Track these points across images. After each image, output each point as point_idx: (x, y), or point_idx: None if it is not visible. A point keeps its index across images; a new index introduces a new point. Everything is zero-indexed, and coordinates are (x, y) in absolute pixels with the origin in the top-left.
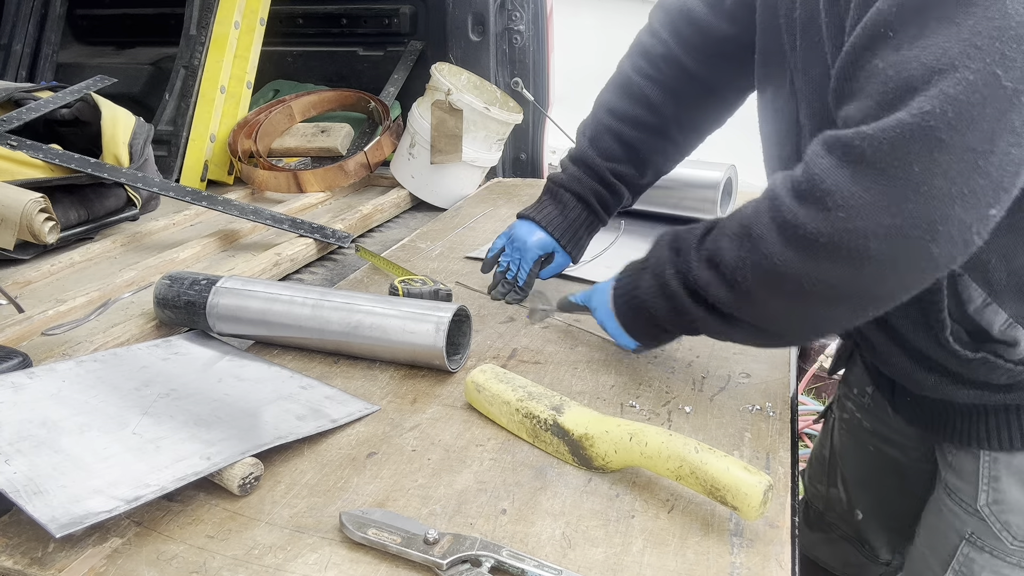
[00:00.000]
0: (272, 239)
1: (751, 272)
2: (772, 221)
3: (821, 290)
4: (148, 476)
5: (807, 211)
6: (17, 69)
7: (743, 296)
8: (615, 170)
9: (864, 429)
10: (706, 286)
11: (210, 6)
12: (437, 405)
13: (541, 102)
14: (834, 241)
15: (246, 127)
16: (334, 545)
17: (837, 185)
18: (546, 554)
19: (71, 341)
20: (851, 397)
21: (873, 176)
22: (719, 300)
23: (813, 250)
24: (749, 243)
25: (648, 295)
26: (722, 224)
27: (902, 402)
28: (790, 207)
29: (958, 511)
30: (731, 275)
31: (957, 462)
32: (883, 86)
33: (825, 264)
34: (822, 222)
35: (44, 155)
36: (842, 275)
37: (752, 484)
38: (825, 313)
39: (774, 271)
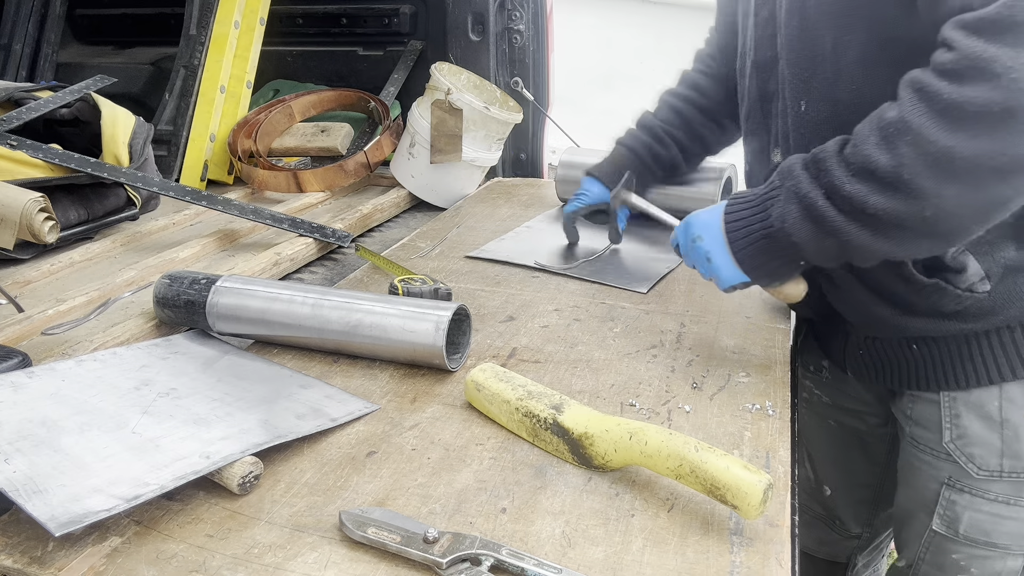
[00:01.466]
0: (272, 239)
1: (920, 166)
2: (931, 109)
3: (1002, 163)
4: (148, 475)
5: (972, 86)
6: (17, 69)
7: (912, 195)
8: (669, 131)
9: (824, 404)
10: (865, 197)
11: (210, 6)
12: (437, 404)
13: (541, 102)
14: (1011, 105)
15: (246, 127)
16: (334, 544)
17: (1000, 51)
18: (546, 553)
19: (71, 340)
20: (808, 375)
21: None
22: (882, 208)
23: (987, 123)
24: (908, 138)
25: (788, 221)
26: (857, 138)
27: (853, 356)
28: (948, 89)
29: (930, 459)
30: (894, 177)
31: (918, 413)
32: None
33: (1002, 133)
34: (992, 90)
35: (44, 155)
36: (1017, 142)
37: (752, 483)
38: (1004, 189)
39: (947, 157)
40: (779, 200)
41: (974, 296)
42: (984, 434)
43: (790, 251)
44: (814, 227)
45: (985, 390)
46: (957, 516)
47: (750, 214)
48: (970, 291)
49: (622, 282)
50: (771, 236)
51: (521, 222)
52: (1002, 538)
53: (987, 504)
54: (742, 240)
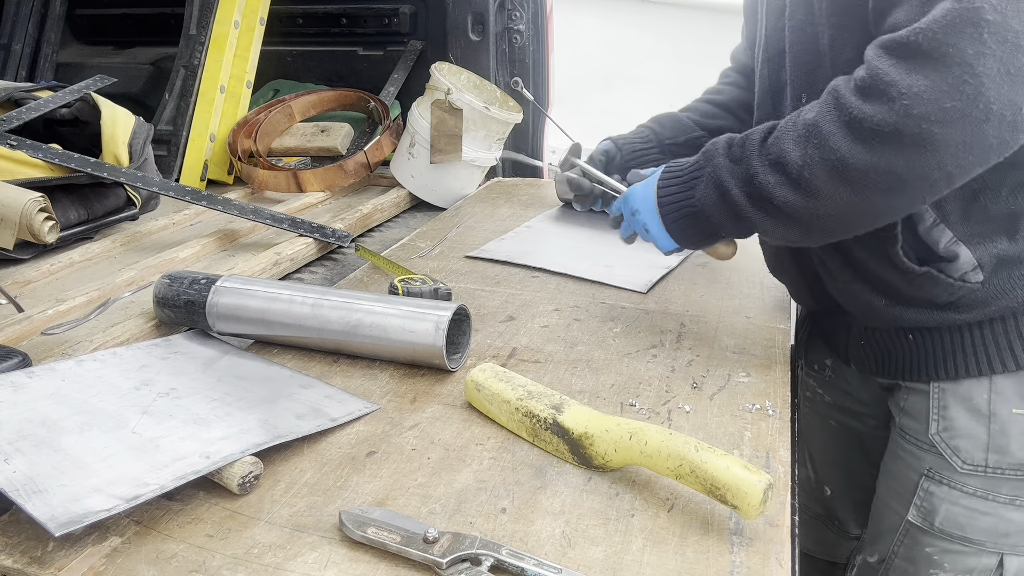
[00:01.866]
0: (272, 238)
1: (820, 169)
2: (838, 119)
3: (886, 180)
4: (147, 475)
5: (872, 105)
6: (17, 69)
7: (810, 194)
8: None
9: (826, 403)
10: (772, 188)
11: (210, 6)
12: (437, 404)
13: (541, 102)
14: (899, 129)
15: (246, 127)
16: (334, 544)
17: (900, 76)
18: (546, 553)
19: (71, 340)
20: (812, 374)
21: (932, 64)
22: (785, 201)
23: (880, 140)
24: (816, 140)
25: (706, 203)
26: (782, 128)
27: (855, 348)
28: (854, 103)
29: (913, 449)
30: (799, 174)
31: (910, 405)
32: None
33: (890, 153)
34: (887, 112)
35: (44, 155)
36: (906, 162)
37: (752, 483)
38: (887, 202)
39: (842, 165)
40: (701, 181)
41: (967, 286)
42: (971, 427)
43: (710, 227)
44: (728, 211)
45: (975, 382)
46: (934, 508)
47: (677, 191)
48: (963, 281)
49: (622, 282)
50: (694, 214)
51: (521, 222)
52: (977, 534)
53: (965, 498)
54: (671, 215)
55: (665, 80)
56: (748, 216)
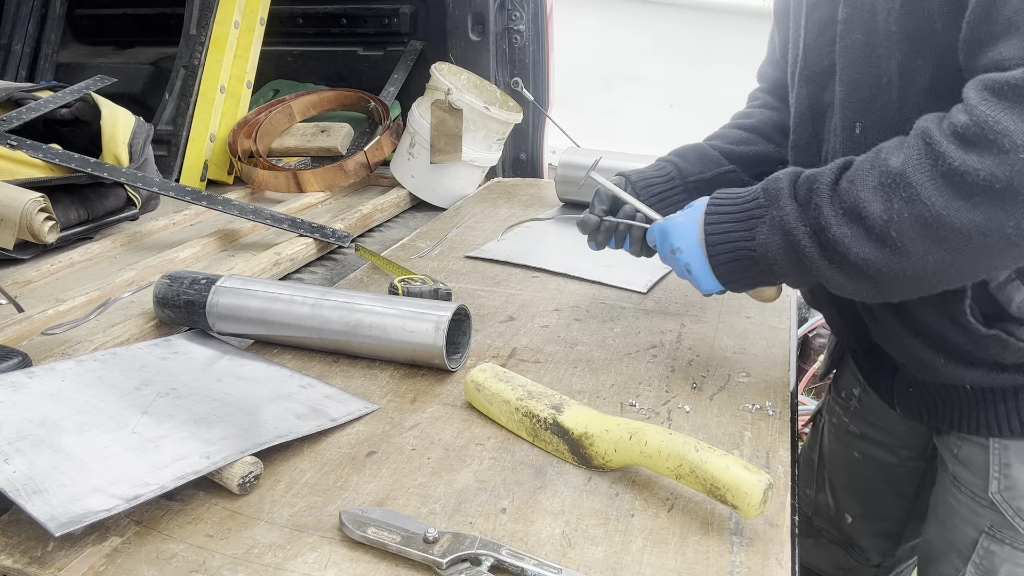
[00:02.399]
0: (272, 239)
1: (910, 226)
2: (934, 170)
3: (992, 239)
4: (148, 475)
5: (979, 156)
6: (17, 69)
7: (895, 252)
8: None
9: (851, 433)
10: (849, 244)
11: (210, 6)
12: (437, 404)
13: (541, 102)
14: (1014, 184)
15: (246, 127)
16: (334, 544)
17: (1014, 124)
18: (546, 553)
19: (71, 341)
20: (839, 401)
21: None
22: (865, 258)
23: (986, 197)
24: (905, 194)
25: (771, 250)
26: (856, 174)
27: (903, 394)
28: (955, 154)
29: (971, 504)
30: (883, 230)
31: (964, 454)
32: None
33: (998, 211)
34: (998, 166)
35: (44, 155)
36: (1018, 221)
37: (752, 483)
38: (988, 262)
39: (939, 223)
40: (763, 225)
41: None
42: None
43: (771, 275)
44: (795, 261)
45: None
46: (994, 568)
47: (732, 231)
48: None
49: (622, 282)
50: (751, 259)
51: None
52: None
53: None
54: (721, 256)
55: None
56: (817, 269)
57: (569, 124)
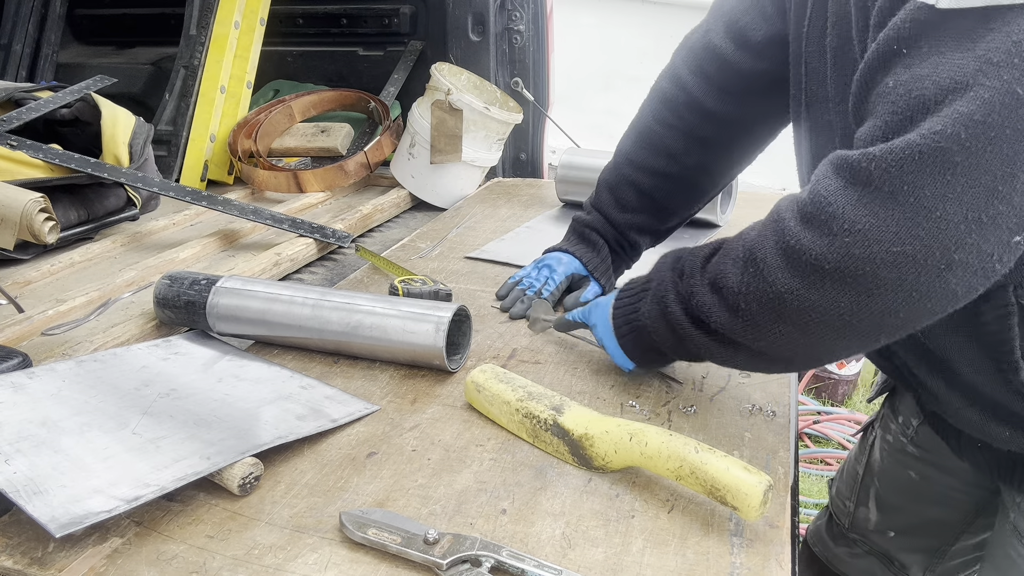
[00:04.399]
0: (272, 239)
1: (755, 298)
2: (776, 245)
3: (829, 319)
4: (148, 476)
5: (812, 235)
6: (17, 69)
7: (747, 322)
8: (632, 222)
9: (908, 454)
10: (709, 311)
11: (210, 6)
12: (437, 405)
13: (541, 102)
14: (840, 268)
15: (246, 127)
16: (334, 545)
17: (843, 208)
18: (546, 554)
19: (71, 341)
20: (895, 423)
21: (881, 200)
22: (722, 325)
23: (818, 276)
24: (753, 268)
25: (649, 319)
26: (727, 246)
27: (970, 448)
28: (794, 231)
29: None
30: (734, 300)
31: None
32: (893, 106)
33: (831, 292)
34: (827, 247)
35: (44, 155)
36: (851, 303)
37: (752, 484)
38: (833, 342)
39: (778, 298)
40: (647, 297)
41: None
42: None
43: (656, 345)
44: (669, 330)
45: None
46: None
47: (629, 307)
48: None
49: (623, 283)
50: (639, 331)
51: (521, 222)
52: None
53: None
54: (623, 330)
55: None
56: (690, 336)
57: (569, 124)
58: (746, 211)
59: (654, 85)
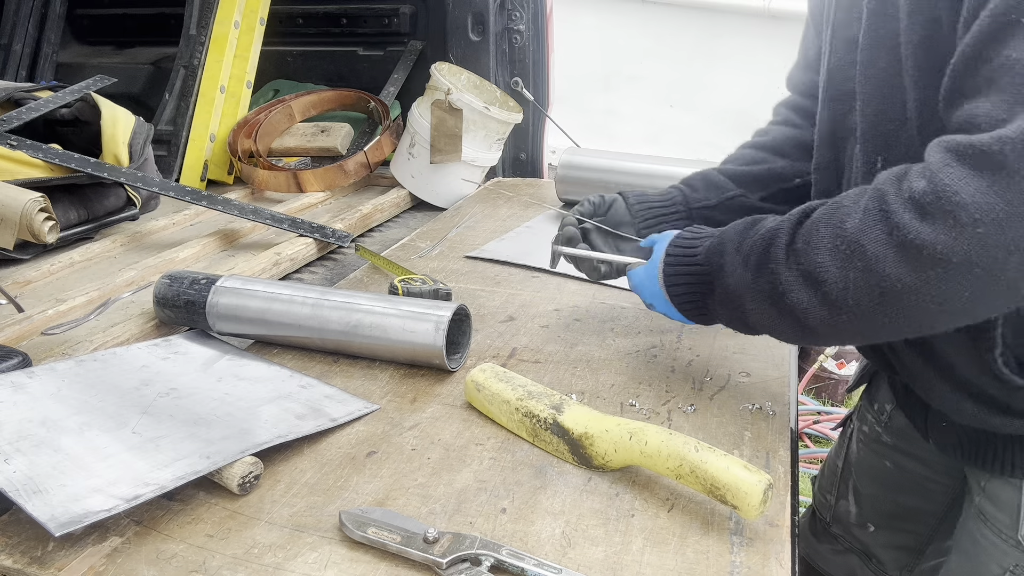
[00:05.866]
0: (272, 239)
1: (866, 295)
2: (890, 239)
3: (948, 308)
4: (148, 475)
5: (935, 229)
6: (17, 69)
7: (852, 318)
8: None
9: (884, 444)
10: (806, 308)
11: (210, 6)
12: (437, 404)
13: (541, 102)
14: (970, 259)
15: (246, 127)
16: (334, 544)
17: (973, 197)
18: (546, 553)
19: (71, 341)
20: (871, 411)
21: (1019, 184)
22: (818, 319)
23: (944, 268)
24: (861, 263)
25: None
26: (811, 231)
27: (936, 428)
28: (910, 224)
29: (997, 541)
30: (838, 296)
31: (992, 489)
32: (1021, 80)
33: (954, 283)
34: (955, 240)
35: (44, 155)
36: (974, 292)
37: (752, 483)
38: (938, 325)
39: (892, 292)
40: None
41: None
42: None
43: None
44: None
45: None
46: None
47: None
48: None
49: (622, 282)
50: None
51: (521, 222)
52: None
53: None
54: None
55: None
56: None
57: (569, 124)
58: None
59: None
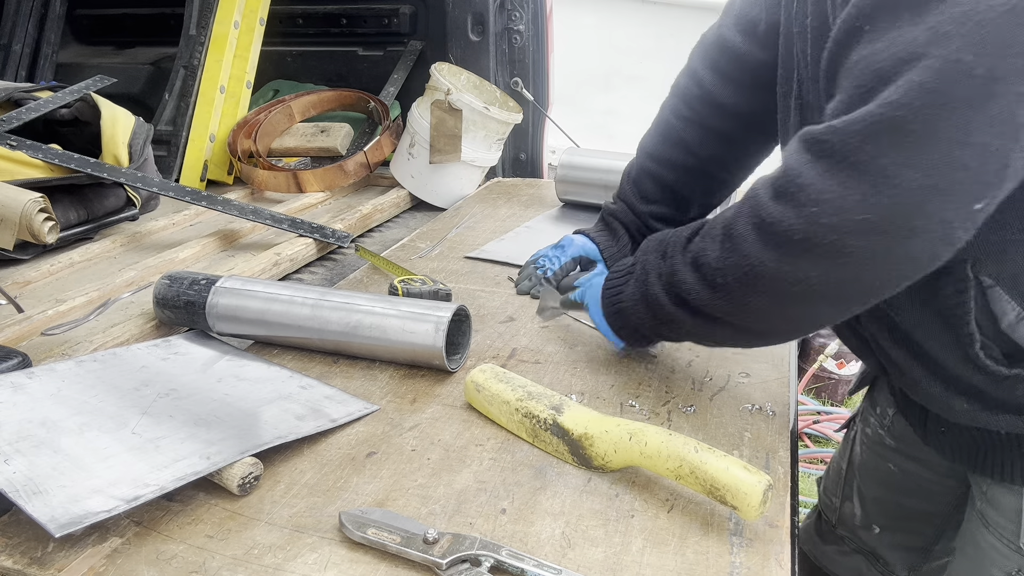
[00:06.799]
0: (272, 239)
1: (731, 272)
2: (750, 219)
3: (801, 289)
4: (148, 476)
5: (782, 208)
6: (17, 69)
7: (725, 296)
8: (654, 212)
9: (886, 446)
10: (689, 289)
11: (210, 6)
12: (437, 405)
13: (541, 102)
14: (808, 237)
15: (246, 127)
16: (334, 545)
17: (810, 180)
18: (546, 554)
19: (71, 341)
20: (874, 415)
21: (845, 170)
22: (701, 301)
23: (789, 247)
24: (730, 243)
25: (631, 302)
26: (708, 225)
27: (935, 433)
28: (767, 204)
29: (999, 546)
30: (712, 276)
31: (994, 494)
32: (855, 80)
33: (802, 262)
34: (796, 218)
35: (44, 155)
36: (820, 272)
37: (752, 484)
38: (807, 311)
39: (753, 271)
40: (632, 279)
41: None
42: None
43: (637, 327)
44: (649, 313)
45: None
46: None
47: (614, 286)
48: None
49: None
50: (622, 310)
51: (521, 222)
52: None
53: None
54: (610, 310)
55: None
56: (672, 317)
57: (569, 124)
58: None
59: (673, 82)
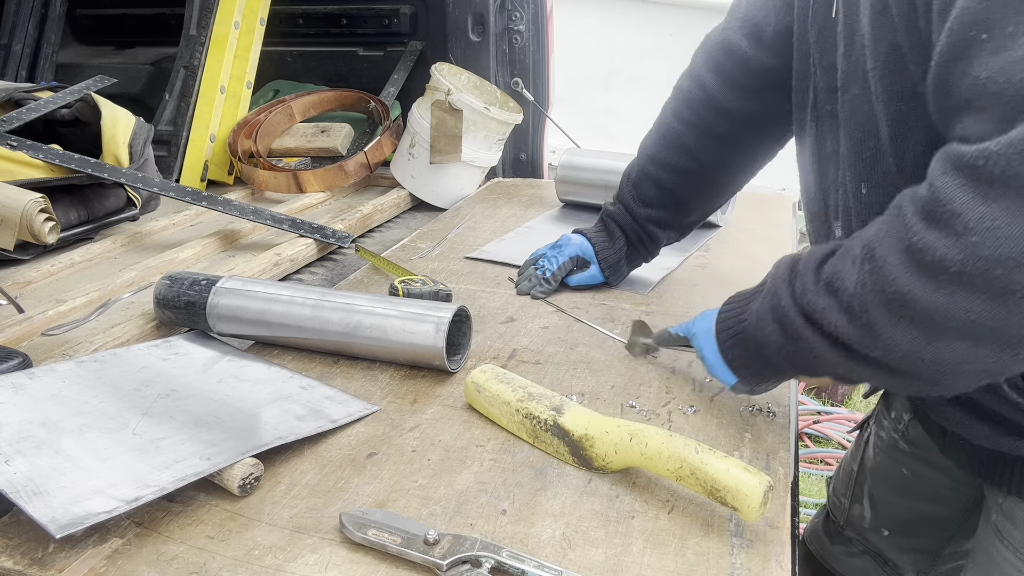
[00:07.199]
0: (272, 239)
1: (871, 299)
2: (898, 243)
3: (957, 324)
4: (148, 476)
5: (936, 234)
6: (17, 69)
7: (864, 327)
8: (652, 216)
9: (901, 451)
10: (823, 312)
11: (210, 6)
12: (437, 405)
13: (541, 102)
14: (967, 270)
15: (246, 127)
16: (334, 546)
17: (966, 206)
18: (546, 555)
19: (71, 341)
20: (888, 419)
21: (1010, 197)
22: (838, 328)
23: (945, 278)
24: (870, 265)
25: (757, 318)
26: (846, 245)
27: (953, 446)
28: (917, 229)
29: (1013, 560)
30: (849, 302)
31: (1010, 508)
32: (996, 98)
33: (960, 295)
34: (952, 247)
35: (44, 155)
36: (982, 309)
37: (752, 485)
38: (965, 351)
39: (898, 299)
40: (758, 297)
41: None
42: None
43: (764, 352)
44: (780, 329)
45: None
46: None
47: (734, 309)
48: None
49: (623, 285)
50: (744, 334)
51: (521, 223)
52: None
53: None
54: (726, 335)
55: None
56: (804, 339)
57: (569, 124)
58: (746, 212)
59: (675, 84)
